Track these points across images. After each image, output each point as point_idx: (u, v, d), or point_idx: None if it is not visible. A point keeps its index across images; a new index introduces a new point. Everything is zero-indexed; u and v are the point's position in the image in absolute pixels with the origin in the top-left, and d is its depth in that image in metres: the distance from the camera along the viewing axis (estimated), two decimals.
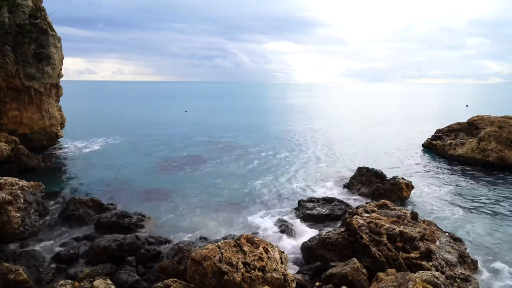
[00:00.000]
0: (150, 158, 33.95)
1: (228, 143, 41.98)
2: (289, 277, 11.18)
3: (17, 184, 18.86)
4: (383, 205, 17.71)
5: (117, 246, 14.92)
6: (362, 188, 23.86)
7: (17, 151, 29.21)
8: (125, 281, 12.90)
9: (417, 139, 43.46)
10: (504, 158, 29.87)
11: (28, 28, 31.92)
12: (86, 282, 11.70)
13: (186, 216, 20.10)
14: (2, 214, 16.30)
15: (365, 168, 25.15)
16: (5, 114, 32.23)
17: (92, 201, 20.15)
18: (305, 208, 19.91)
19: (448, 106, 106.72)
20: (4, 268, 12.48)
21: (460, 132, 36.69)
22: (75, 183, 26.29)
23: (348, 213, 17.50)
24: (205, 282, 10.30)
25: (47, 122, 34.65)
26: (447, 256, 13.73)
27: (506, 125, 31.67)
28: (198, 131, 51.40)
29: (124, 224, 17.73)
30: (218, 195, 23.59)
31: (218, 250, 10.90)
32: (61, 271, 14.21)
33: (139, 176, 27.69)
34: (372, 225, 14.62)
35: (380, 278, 11.81)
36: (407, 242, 13.82)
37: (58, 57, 34.12)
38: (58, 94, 36.64)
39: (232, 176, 28.14)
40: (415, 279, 9.97)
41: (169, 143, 41.52)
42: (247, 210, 21.23)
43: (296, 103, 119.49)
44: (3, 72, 30.71)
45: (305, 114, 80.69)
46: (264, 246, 11.66)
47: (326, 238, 14.86)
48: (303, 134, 49.65)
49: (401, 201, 21.91)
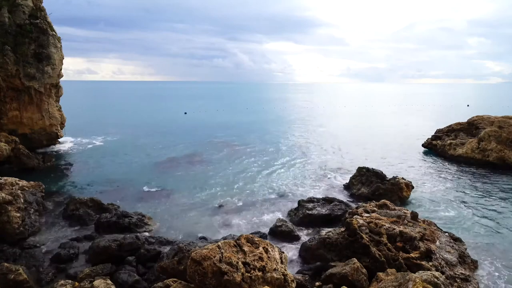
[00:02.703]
0: (150, 159, 33.95)
1: (228, 143, 41.99)
2: (289, 277, 11.18)
3: (17, 184, 18.87)
4: (383, 205, 17.72)
5: (117, 246, 14.91)
6: (362, 188, 23.85)
7: (17, 151, 29.21)
8: (125, 281, 12.90)
9: (417, 139, 43.47)
10: (504, 158, 29.87)
11: (28, 28, 31.94)
12: (86, 282, 11.70)
13: (186, 216, 20.10)
14: (2, 214, 16.31)
15: (365, 168, 25.15)
16: (5, 114, 32.24)
17: (92, 201, 20.15)
18: (305, 208, 19.90)
19: (448, 106, 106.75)
20: (4, 268, 12.48)
21: (460, 132, 36.68)
22: (75, 183, 26.30)
23: (348, 213, 17.51)
24: (205, 282, 10.29)
25: (47, 122, 34.66)
26: (447, 256, 13.73)
27: (506, 125, 31.67)
28: (198, 131, 51.42)
29: (124, 224, 17.73)
30: (218, 195, 23.59)
31: (218, 250, 10.90)
32: (61, 271, 14.22)
33: (139, 176, 27.68)
34: (372, 225, 14.62)
35: (380, 278, 11.81)
36: (407, 242, 13.82)
37: (58, 57, 34.13)
38: (58, 94, 36.65)
39: (232, 176, 28.14)
40: (415, 279, 9.97)
41: (169, 143, 41.52)
42: (247, 210, 21.24)
43: (296, 103, 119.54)
44: (3, 72, 30.72)
45: (305, 114, 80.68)
46: (264, 246, 11.66)
47: (326, 238, 14.86)
48: (303, 134, 49.68)
49: (401, 201, 21.91)
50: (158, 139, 44.29)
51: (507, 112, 54.15)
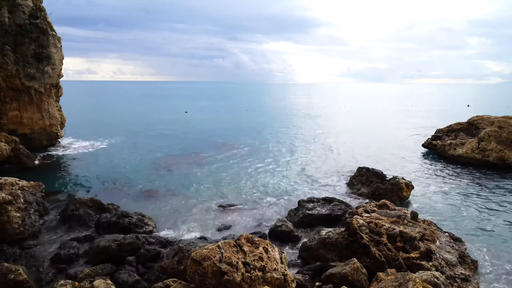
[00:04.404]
0: (150, 158, 33.95)
1: (228, 143, 41.99)
2: (289, 277, 11.17)
3: (17, 184, 18.87)
4: (383, 205, 17.72)
5: (117, 246, 14.91)
6: (362, 188, 23.85)
7: (17, 151, 29.21)
8: (125, 281, 12.90)
9: (417, 139, 43.49)
10: (504, 158, 29.86)
11: (28, 28, 31.93)
12: (86, 282, 11.70)
13: (186, 216, 20.10)
14: (2, 214, 16.30)
15: (365, 168, 25.15)
16: (5, 114, 32.23)
17: (92, 201, 20.14)
18: (305, 208, 19.89)
19: (448, 106, 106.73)
20: (4, 268, 12.47)
21: (460, 132, 36.66)
22: (75, 183, 26.30)
23: (348, 213, 17.51)
24: (205, 282, 10.29)
25: (47, 122, 34.66)
26: (447, 256, 13.73)
27: (506, 125, 31.67)
28: (198, 131, 51.42)
29: (124, 224, 17.71)
30: (218, 195, 23.60)
31: (218, 250, 10.90)
32: (61, 271, 14.22)
33: (139, 176, 27.68)
34: (372, 225, 14.62)
35: (380, 278, 11.81)
36: (407, 242, 13.82)
37: (58, 57, 34.13)
38: (58, 94, 36.65)
39: (232, 176, 28.14)
40: (415, 279, 9.96)
41: (169, 143, 41.52)
42: (247, 210, 21.25)
43: (297, 103, 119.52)
44: (3, 72, 30.71)
45: (305, 114, 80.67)
46: (264, 246, 11.66)
47: (326, 238, 14.85)
48: (303, 134, 49.69)
49: (401, 201, 21.90)
50: (158, 139, 44.31)
51: (507, 112, 54.15)
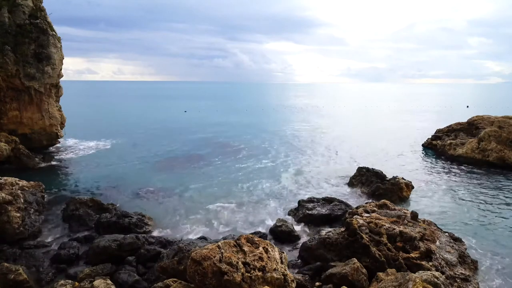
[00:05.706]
0: (150, 158, 33.96)
1: (228, 144, 41.99)
2: (289, 277, 11.17)
3: (17, 184, 18.86)
4: (383, 205, 17.71)
5: (117, 246, 14.92)
6: (362, 188, 23.87)
7: (17, 151, 29.21)
8: (125, 281, 12.90)
9: (417, 139, 43.47)
10: (504, 158, 29.87)
11: (28, 28, 31.90)
12: (86, 282, 11.69)
13: (186, 216, 20.10)
14: (2, 214, 16.30)
15: (365, 168, 25.16)
16: (5, 114, 32.21)
17: (92, 201, 20.15)
18: (305, 208, 19.90)
19: (448, 106, 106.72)
20: (4, 268, 12.48)
21: (460, 132, 36.70)
22: (75, 183, 26.29)
23: (348, 213, 17.51)
24: (205, 282, 10.29)
25: (47, 122, 34.63)
26: (447, 256, 13.73)
27: (506, 125, 31.67)
28: (198, 131, 51.41)
29: (124, 224, 17.72)
30: (218, 195, 23.58)
31: (218, 250, 10.89)
32: (61, 271, 14.22)
33: (139, 176, 27.68)
34: (372, 225, 14.61)
35: (380, 278, 11.80)
36: (407, 242, 13.82)
37: (58, 57, 34.11)
38: (58, 94, 36.62)
39: (232, 176, 28.14)
40: (415, 279, 9.96)
41: (169, 143, 41.52)
42: (247, 210, 21.24)
43: (297, 103, 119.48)
44: (3, 72, 30.69)
45: (305, 114, 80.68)
46: (264, 246, 11.65)
47: (326, 238, 14.85)
48: (303, 134, 49.66)
49: (401, 201, 21.92)
50: (158, 139, 44.30)
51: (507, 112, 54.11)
